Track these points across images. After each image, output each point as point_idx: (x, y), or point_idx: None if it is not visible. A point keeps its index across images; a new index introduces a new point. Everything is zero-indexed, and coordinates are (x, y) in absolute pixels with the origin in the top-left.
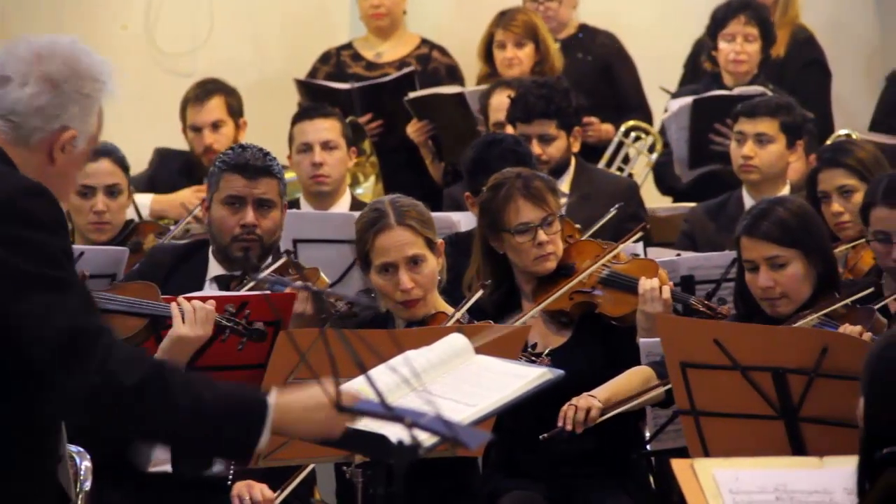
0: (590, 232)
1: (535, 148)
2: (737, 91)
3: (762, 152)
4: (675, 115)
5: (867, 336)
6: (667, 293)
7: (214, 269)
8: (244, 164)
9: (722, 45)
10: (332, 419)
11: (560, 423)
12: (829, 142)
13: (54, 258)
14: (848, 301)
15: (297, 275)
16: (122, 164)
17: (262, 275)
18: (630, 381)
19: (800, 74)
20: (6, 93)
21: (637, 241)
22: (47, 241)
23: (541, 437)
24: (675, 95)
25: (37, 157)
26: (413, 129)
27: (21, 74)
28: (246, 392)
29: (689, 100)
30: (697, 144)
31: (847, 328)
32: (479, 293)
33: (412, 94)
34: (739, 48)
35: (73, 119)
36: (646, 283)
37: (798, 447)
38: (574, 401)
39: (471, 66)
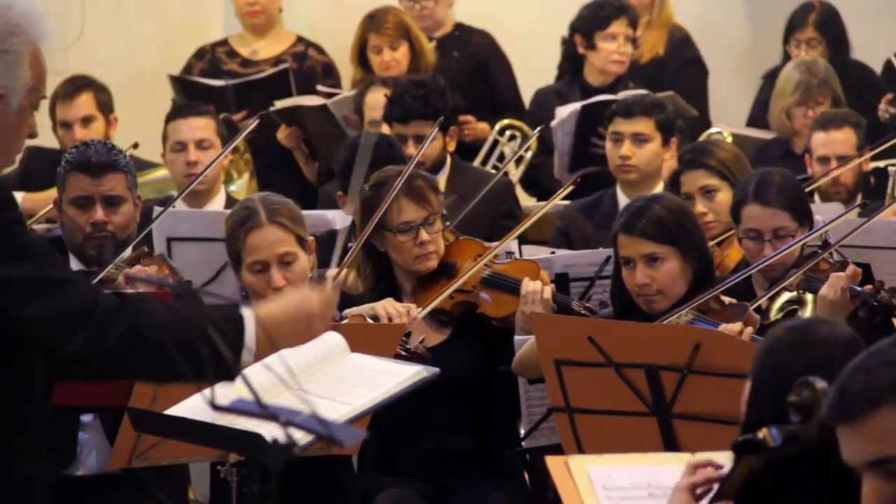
0: (457, 221)
1: (411, 148)
2: (622, 95)
3: (640, 152)
4: (562, 121)
5: (748, 331)
6: (548, 294)
7: (73, 264)
8: (87, 163)
9: (603, 44)
10: (317, 325)
11: None
12: (700, 139)
13: (7, 229)
14: (718, 292)
15: (171, 273)
16: None
17: (133, 272)
18: None
19: (680, 72)
20: None
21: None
22: None
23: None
24: (538, 94)
25: None
26: (283, 136)
27: None
28: (221, 309)
29: (577, 106)
30: (579, 148)
31: (727, 327)
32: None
33: (277, 104)
34: (623, 48)
35: None
36: (528, 285)
37: (670, 443)
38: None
39: (347, 64)
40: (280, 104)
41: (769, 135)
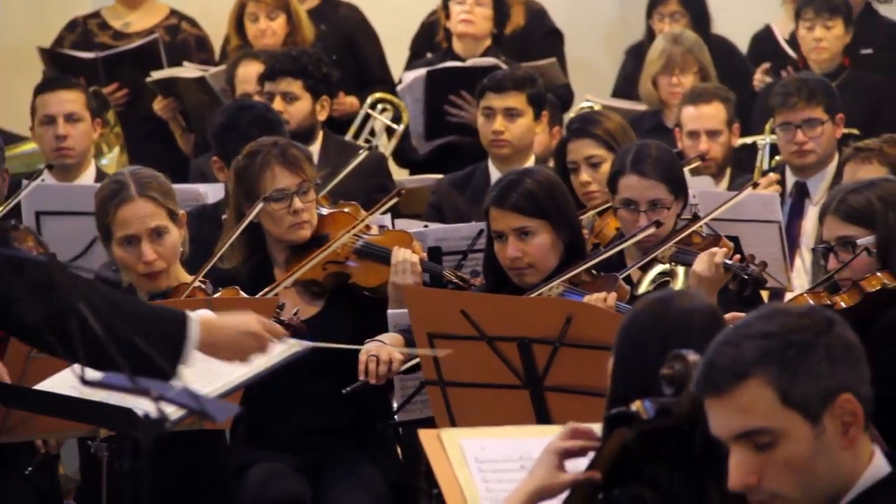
0: (328, 187)
1: (278, 104)
2: (470, 63)
3: (512, 126)
4: (409, 86)
5: (612, 299)
6: (415, 259)
7: None
8: None
9: (453, 7)
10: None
11: (362, 377)
12: (572, 113)
13: None
14: (589, 266)
15: (37, 246)
16: None
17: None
18: (396, 339)
19: (542, 43)
20: None
21: (386, 212)
22: None
23: (343, 391)
24: (411, 67)
25: None
26: (160, 107)
27: None
28: (166, 310)
29: (422, 72)
30: (433, 116)
31: (592, 297)
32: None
33: (154, 75)
34: (469, 9)
35: None
36: (398, 254)
37: (543, 416)
38: (375, 351)
39: (220, 38)
40: (157, 75)
41: (640, 107)
